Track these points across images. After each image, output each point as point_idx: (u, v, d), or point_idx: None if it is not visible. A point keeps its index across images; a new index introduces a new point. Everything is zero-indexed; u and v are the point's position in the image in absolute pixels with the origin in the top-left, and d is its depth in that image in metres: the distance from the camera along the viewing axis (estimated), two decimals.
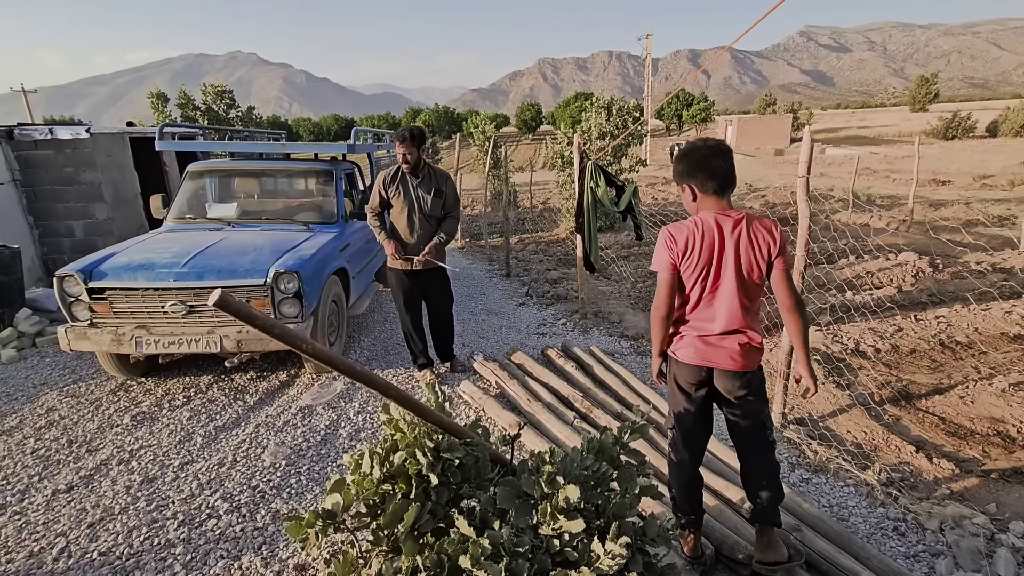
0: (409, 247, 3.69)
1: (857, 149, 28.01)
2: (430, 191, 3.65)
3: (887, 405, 3.45)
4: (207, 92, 21.65)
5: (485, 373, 3.96)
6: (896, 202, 12.76)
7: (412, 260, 3.65)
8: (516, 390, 3.55)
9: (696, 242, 1.83)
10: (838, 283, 5.88)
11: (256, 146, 5.43)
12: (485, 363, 4.03)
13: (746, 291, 1.85)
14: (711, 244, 1.83)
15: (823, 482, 2.73)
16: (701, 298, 1.88)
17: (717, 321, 1.87)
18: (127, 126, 7.94)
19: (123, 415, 3.56)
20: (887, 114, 61.53)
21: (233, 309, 0.90)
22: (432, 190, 3.66)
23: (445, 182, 3.74)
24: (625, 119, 10.97)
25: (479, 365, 4.07)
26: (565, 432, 3.01)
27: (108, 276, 3.60)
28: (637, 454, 1.69)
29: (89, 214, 6.60)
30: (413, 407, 1.30)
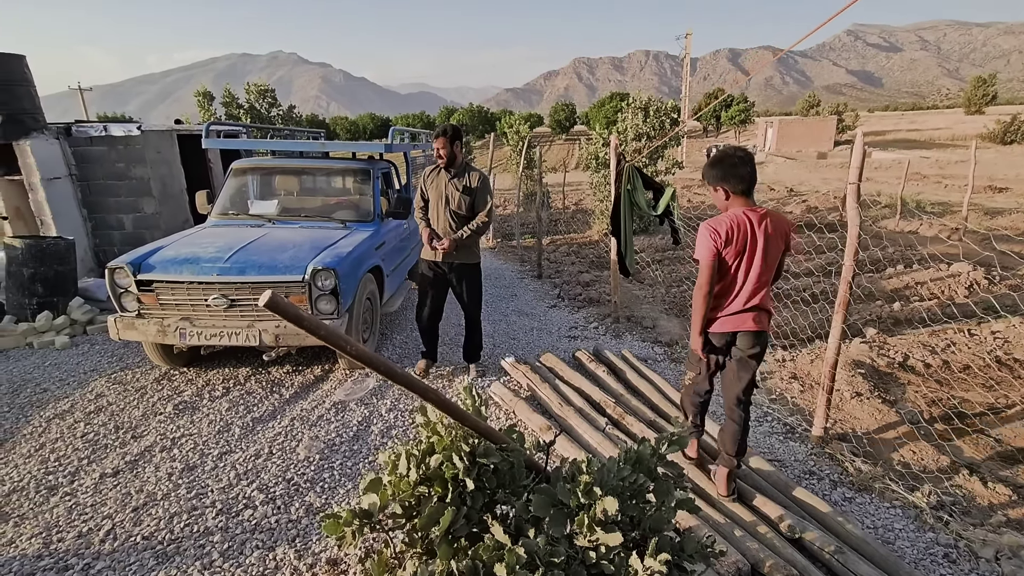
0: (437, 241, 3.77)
1: (906, 153, 26.87)
2: (460, 188, 3.70)
3: (938, 424, 3.28)
4: (250, 91, 22.33)
5: (516, 375, 3.95)
6: (948, 209, 12.18)
7: (438, 251, 3.74)
8: (547, 393, 3.52)
9: (735, 233, 2.25)
10: (885, 293, 5.64)
11: (296, 145, 5.55)
12: (516, 365, 4.02)
13: (768, 269, 2.31)
14: (745, 234, 2.26)
15: (867, 502, 2.61)
16: (735, 278, 2.32)
17: (744, 295, 2.32)
18: (175, 124, 8.24)
19: (166, 403, 3.69)
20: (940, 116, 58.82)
21: (282, 310, 0.91)
22: (462, 187, 3.70)
23: (478, 181, 3.76)
24: (663, 120, 10.79)
25: (510, 367, 4.06)
26: (597, 438, 2.96)
27: (156, 269, 3.73)
28: (674, 466, 1.65)
29: (138, 208, 6.88)
30: (450, 410, 1.30)
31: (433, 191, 3.76)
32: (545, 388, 3.59)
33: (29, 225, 6.55)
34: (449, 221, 3.73)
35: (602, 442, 2.93)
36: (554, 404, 3.40)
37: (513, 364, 4.05)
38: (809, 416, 3.34)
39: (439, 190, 3.73)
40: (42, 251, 5.28)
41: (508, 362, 4.11)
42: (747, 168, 2.25)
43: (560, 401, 3.40)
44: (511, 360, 4.11)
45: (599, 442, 2.94)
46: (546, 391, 3.55)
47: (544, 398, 3.52)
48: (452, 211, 3.72)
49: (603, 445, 2.91)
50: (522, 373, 3.89)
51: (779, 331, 4.87)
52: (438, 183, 3.74)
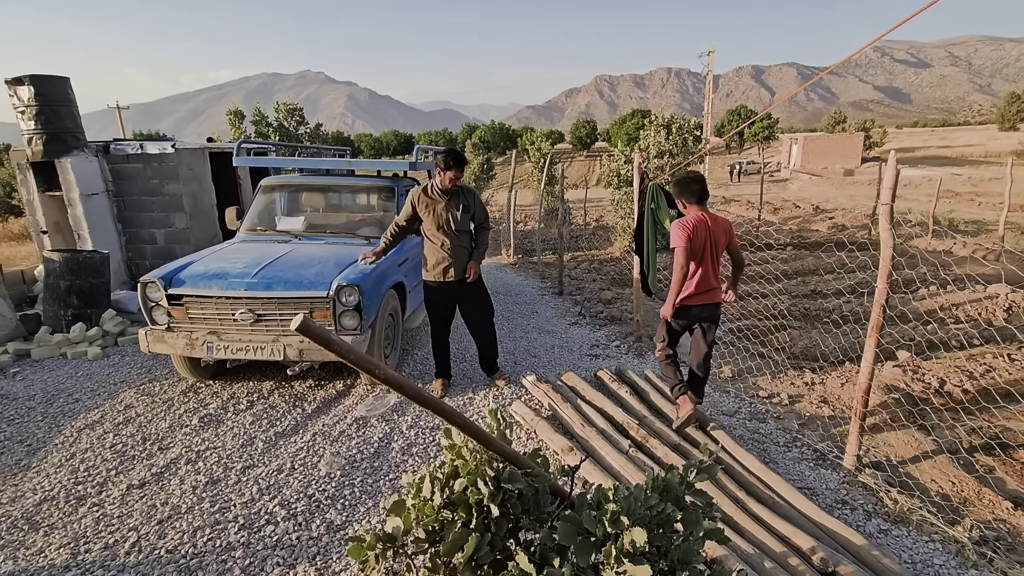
0: (442, 261, 3.80)
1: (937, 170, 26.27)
2: (459, 207, 3.77)
3: (978, 453, 3.14)
4: (279, 110, 22.97)
5: (537, 394, 3.91)
6: (983, 228, 11.84)
7: (444, 273, 3.82)
8: (569, 413, 3.47)
9: (699, 229, 3.07)
10: (919, 315, 5.47)
11: (323, 162, 5.67)
12: (538, 384, 3.98)
13: (718, 258, 3.19)
14: (705, 230, 3.09)
15: (904, 535, 2.50)
16: (700, 264, 3.12)
17: (705, 277, 3.13)
18: (207, 141, 8.50)
19: (192, 416, 3.75)
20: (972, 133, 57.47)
21: (313, 334, 0.91)
22: (460, 206, 3.78)
23: (472, 196, 3.91)
24: (685, 137, 10.76)
25: (531, 385, 4.03)
26: (620, 461, 2.91)
27: (186, 283, 3.82)
28: (703, 495, 1.60)
29: (170, 223, 7.08)
30: (476, 434, 1.29)
31: (430, 216, 3.76)
32: (567, 408, 3.54)
33: (67, 239, 6.79)
34: (453, 241, 3.78)
35: (625, 465, 2.87)
36: (576, 425, 3.35)
37: (534, 382, 4.02)
38: (840, 442, 3.23)
39: (436, 214, 3.75)
40: (78, 264, 5.47)
41: (529, 380, 4.08)
42: (697, 186, 3.15)
43: (582, 422, 3.35)
44: (532, 378, 4.08)
45: (622, 465, 2.88)
46: (568, 411, 3.50)
47: (566, 418, 3.48)
48: (456, 231, 3.79)
49: (627, 468, 2.85)
50: (543, 392, 3.85)
51: (808, 353, 4.75)
52: (434, 207, 3.75)
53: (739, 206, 18.39)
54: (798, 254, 9.21)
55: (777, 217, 15.66)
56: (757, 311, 5.89)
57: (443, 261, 3.79)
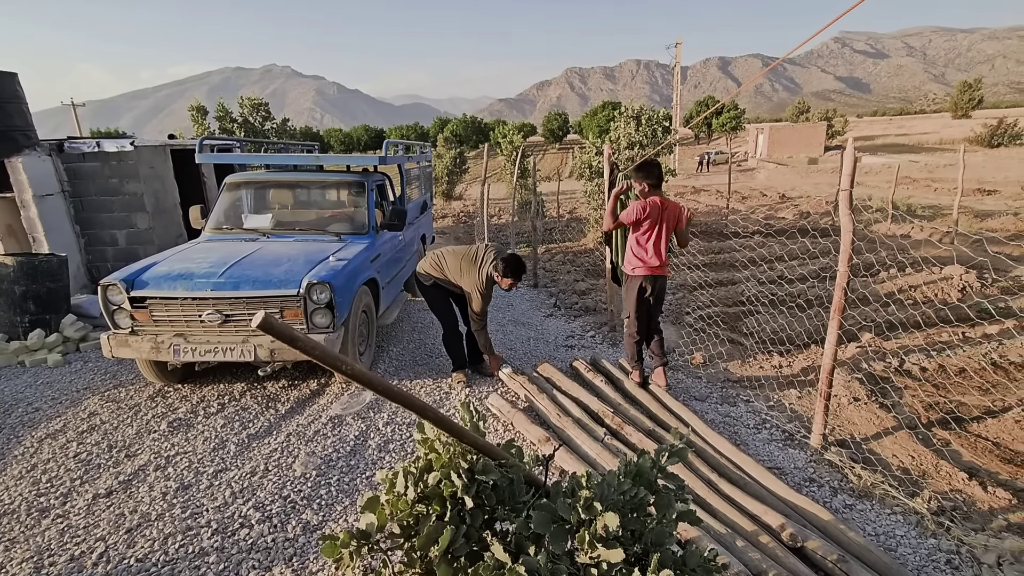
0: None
1: (896, 157, 27.17)
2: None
3: (935, 428, 3.29)
4: (244, 105, 22.35)
5: (513, 386, 3.93)
6: (938, 212, 12.31)
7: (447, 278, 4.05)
8: (545, 404, 3.50)
9: (652, 210, 3.56)
10: (879, 297, 5.67)
11: (291, 158, 5.55)
12: (514, 376, 4.00)
13: (667, 237, 3.67)
14: (657, 211, 3.58)
15: (868, 509, 2.61)
16: (649, 239, 3.62)
17: (655, 253, 3.64)
18: (168, 139, 8.23)
19: (160, 421, 3.65)
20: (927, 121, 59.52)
21: (276, 331, 0.90)
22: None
23: None
24: (655, 128, 10.86)
25: (507, 377, 4.04)
26: (596, 449, 2.95)
27: (149, 285, 3.70)
28: (675, 478, 1.64)
29: (131, 223, 6.85)
30: (449, 428, 1.29)
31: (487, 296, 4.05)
32: (543, 399, 3.57)
33: (21, 242, 6.51)
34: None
35: (601, 452, 2.91)
36: (552, 415, 3.38)
37: (510, 375, 4.03)
38: (807, 422, 3.34)
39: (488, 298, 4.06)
40: (34, 268, 5.24)
41: (505, 372, 4.10)
42: (657, 170, 3.64)
43: (558, 412, 3.38)
44: (508, 370, 4.10)
45: (598, 453, 2.92)
46: (544, 402, 3.53)
47: (542, 409, 3.50)
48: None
49: (602, 456, 2.89)
50: (519, 384, 3.87)
51: (775, 337, 4.88)
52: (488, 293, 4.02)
53: (708, 195, 18.70)
54: (765, 241, 9.42)
55: (745, 206, 15.98)
56: (726, 297, 6.01)
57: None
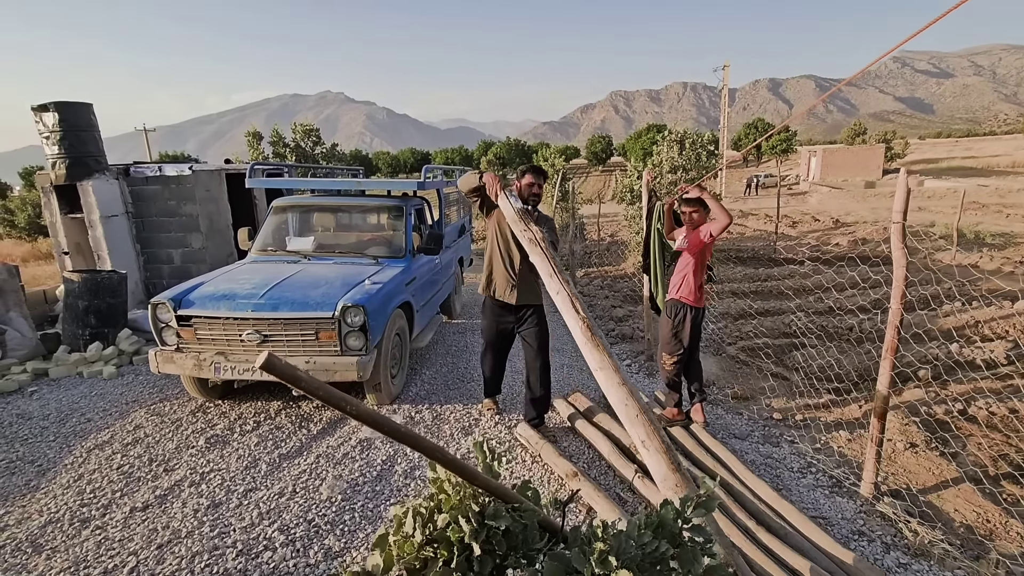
0: (508, 285, 3.54)
1: (962, 181, 25.69)
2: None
3: (1004, 482, 2.99)
4: (296, 131, 23.49)
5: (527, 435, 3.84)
6: (1011, 240, 11.49)
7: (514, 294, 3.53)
8: (553, 460, 3.40)
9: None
10: (941, 333, 5.29)
11: (334, 183, 5.75)
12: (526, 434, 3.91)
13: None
14: None
15: (925, 570, 2.37)
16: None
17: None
18: (225, 163, 8.70)
19: (199, 436, 3.76)
20: (998, 143, 56.22)
21: (279, 372, 0.89)
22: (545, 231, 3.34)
23: (550, 225, 3.58)
24: (699, 152, 10.69)
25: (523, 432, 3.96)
26: (624, 488, 2.83)
27: (195, 305, 3.86)
28: (702, 531, 1.53)
29: (186, 243, 7.23)
30: (459, 470, 1.25)
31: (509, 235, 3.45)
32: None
33: (87, 259, 6.96)
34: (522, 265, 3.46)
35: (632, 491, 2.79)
36: (583, 448, 3.28)
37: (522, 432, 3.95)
38: (858, 469, 3.10)
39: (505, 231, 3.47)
40: (96, 284, 5.58)
41: (560, 401, 4.02)
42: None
43: (588, 446, 3.27)
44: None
45: (627, 492, 2.80)
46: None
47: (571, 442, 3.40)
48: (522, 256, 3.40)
49: (632, 495, 2.77)
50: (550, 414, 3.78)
51: (824, 373, 4.62)
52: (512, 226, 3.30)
53: (756, 219, 18.16)
54: (816, 269, 9.02)
55: (796, 231, 15.42)
56: (772, 329, 5.75)
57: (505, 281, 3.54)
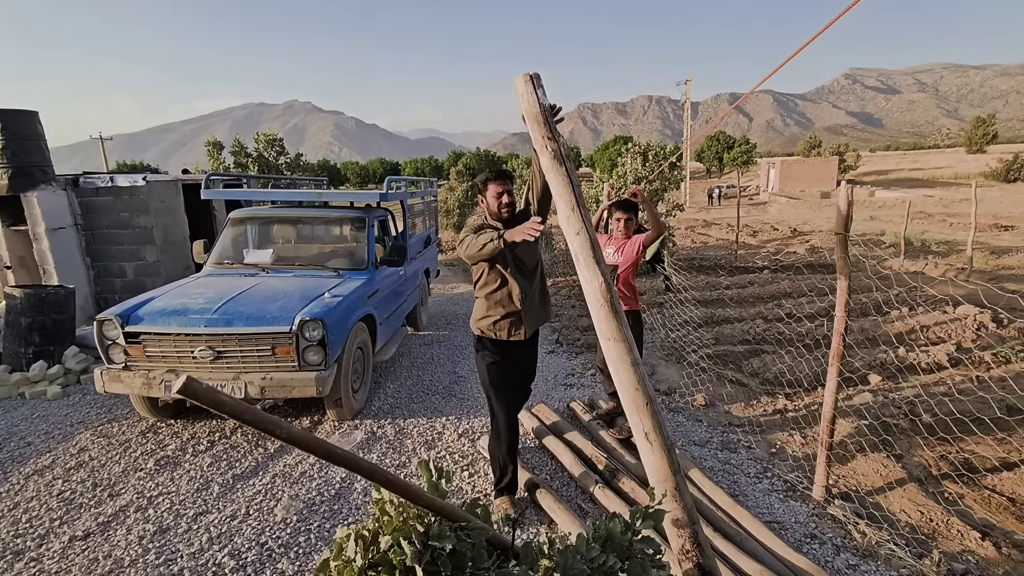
0: (515, 316, 2.75)
1: (910, 192, 26.98)
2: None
3: (948, 481, 3.12)
4: (259, 140, 23.03)
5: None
6: (953, 248, 12.09)
7: (523, 330, 2.76)
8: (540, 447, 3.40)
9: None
10: (889, 338, 5.51)
11: (295, 194, 5.65)
12: None
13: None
14: None
15: (872, 571, 2.45)
16: None
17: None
18: (182, 173, 8.46)
19: (148, 458, 3.60)
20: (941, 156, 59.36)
21: (200, 396, 0.86)
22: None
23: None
24: (661, 164, 10.93)
25: None
26: (586, 499, 2.83)
27: (144, 321, 3.72)
28: (651, 543, 1.54)
29: (140, 256, 6.97)
30: (401, 490, 1.22)
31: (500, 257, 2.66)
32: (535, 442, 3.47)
33: (32, 274, 6.64)
34: (526, 285, 2.74)
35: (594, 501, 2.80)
36: (545, 460, 3.27)
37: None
38: (811, 472, 3.19)
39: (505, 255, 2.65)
40: (41, 300, 5.32)
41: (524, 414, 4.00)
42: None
43: (551, 457, 3.27)
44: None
45: (589, 503, 2.80)
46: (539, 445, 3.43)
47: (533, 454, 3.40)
48: (527, 270, 2.76)
49: (594, 506, 2.77)
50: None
51: (781, 378, 4.74)
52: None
53: (719, 229, 18.63)
54: (775, 277, 9.30)
55: (756, 240, 15.88)
56: (732, 336, 5.89)
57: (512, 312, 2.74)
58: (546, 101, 2.12)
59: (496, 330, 2.76)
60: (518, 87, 2.10)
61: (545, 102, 2.11)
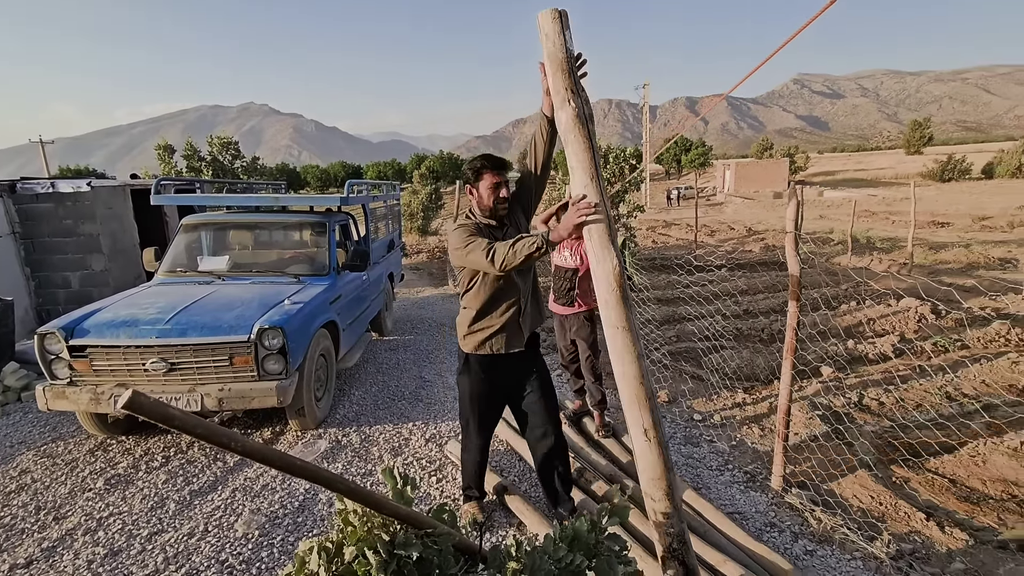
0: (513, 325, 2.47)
1: (855, 191, 28.31)
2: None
3: (895, 465, 3.28)
4: (213, 144, 22.25)
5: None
6: (896, 244, 12.75)
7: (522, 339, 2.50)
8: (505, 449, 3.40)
9: None
10: (840, 331, 5.76)
11: (252, 199, 5.48)
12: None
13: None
14: None
15: (828, 555, 2.55)
16: None
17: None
18: (131, 178, 8.09)
19: (97, 478, 3.43)
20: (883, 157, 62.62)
21: (147, 411, 0.83)
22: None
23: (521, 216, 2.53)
24: (622, 166, 11.14)
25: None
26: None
27: (90, 333, 3.54)
28: (618, 539, 1.57)
29: (86, 265, 6.63)
30: (364, 499, 1.21)
31: None
32: (501, 446, 3.47)
33: None
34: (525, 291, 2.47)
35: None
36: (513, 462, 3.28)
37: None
38: (769, 463, 3.30)
39: None
40: None
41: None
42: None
43: (519, 459, 3.28)
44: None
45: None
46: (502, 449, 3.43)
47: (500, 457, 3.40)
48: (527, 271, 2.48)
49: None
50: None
51: (740, 373, 4.89)
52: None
53: (679, 229, 19.10)
54: (732, 275, 9.60)
55: (714, 239, 16.35)
56: (691, 333, 6.05)
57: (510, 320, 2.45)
58: (573, 47, 1.81)
59: (492, 345, 2.45)
60: (542, 24, 1.77)
61: (572, 47, 1.81)
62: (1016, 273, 8.58)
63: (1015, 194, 22.94)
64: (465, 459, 2.77)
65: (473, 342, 2.48)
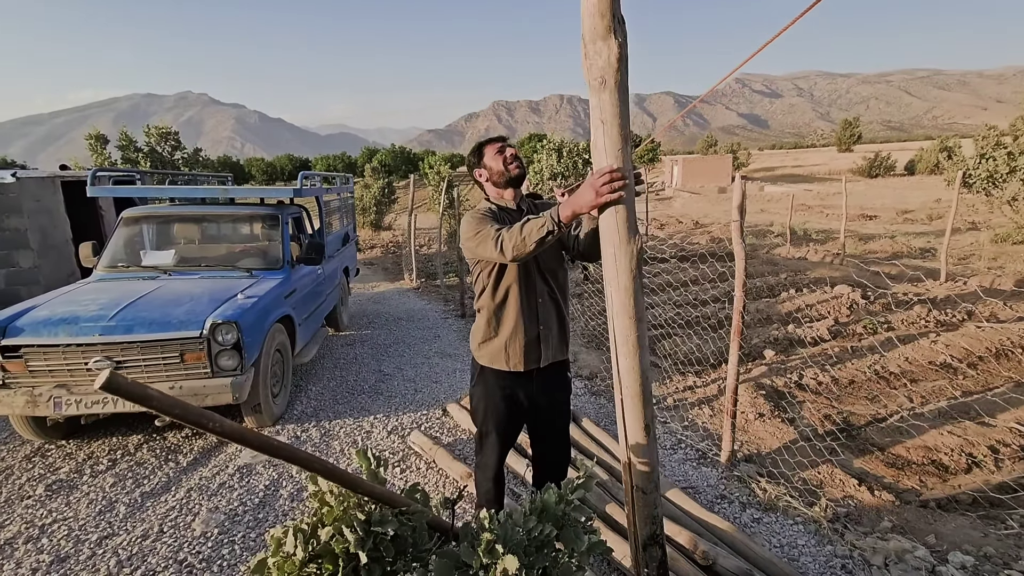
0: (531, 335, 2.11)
1: (792, 186, 29.82)
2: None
3: (828, 438, 3.54)
4: (150, 134, 21.02)
5: (436, 421, 3.85)
6: (830, 236, 13.55)
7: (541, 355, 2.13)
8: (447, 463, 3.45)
9: None
10: (781, 316, 6.12)
11: (198, 191, 5.28)
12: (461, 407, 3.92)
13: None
14: None
15: (773, 521, 2.75)
16: None
17: None
18: (60, 169, 7.58)
19: (37, 484, 3.25)
20: (818, 154, 66.15)
21: (124, 392, 0.83)
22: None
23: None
24: (575, 160, 11.33)
25: (457, 409, 3.96)
26: (517, 482, 2.93)
27: (25, 332, 3.34)
28: (583, 510, 1.65)
29: (12, 262, 6.19)
30: (340, 479, 1.23)
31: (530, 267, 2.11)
32: (467, 433, 3.52)
33: None
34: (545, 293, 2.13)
35: (526, 481, 2.90)
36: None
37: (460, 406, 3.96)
38: (718, 440, 3.50)
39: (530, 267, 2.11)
40: None
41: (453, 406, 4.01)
42: None
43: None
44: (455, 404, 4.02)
45: (520, 486, 2.90)
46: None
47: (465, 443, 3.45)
48: (547, 273, 2.14)
49: (525, 488, 2.87)
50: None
51: (688, 358, 5.12)
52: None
53: None
54: (680, 266, 9.96)
55: (663, 232, 16.88)
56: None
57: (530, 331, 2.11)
58: None
59: (509, 358, 2.10)
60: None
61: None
62: (934, 261, 9.31)
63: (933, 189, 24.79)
64: (479, 477, 2.34)
65: (487, 354, 2.14)
